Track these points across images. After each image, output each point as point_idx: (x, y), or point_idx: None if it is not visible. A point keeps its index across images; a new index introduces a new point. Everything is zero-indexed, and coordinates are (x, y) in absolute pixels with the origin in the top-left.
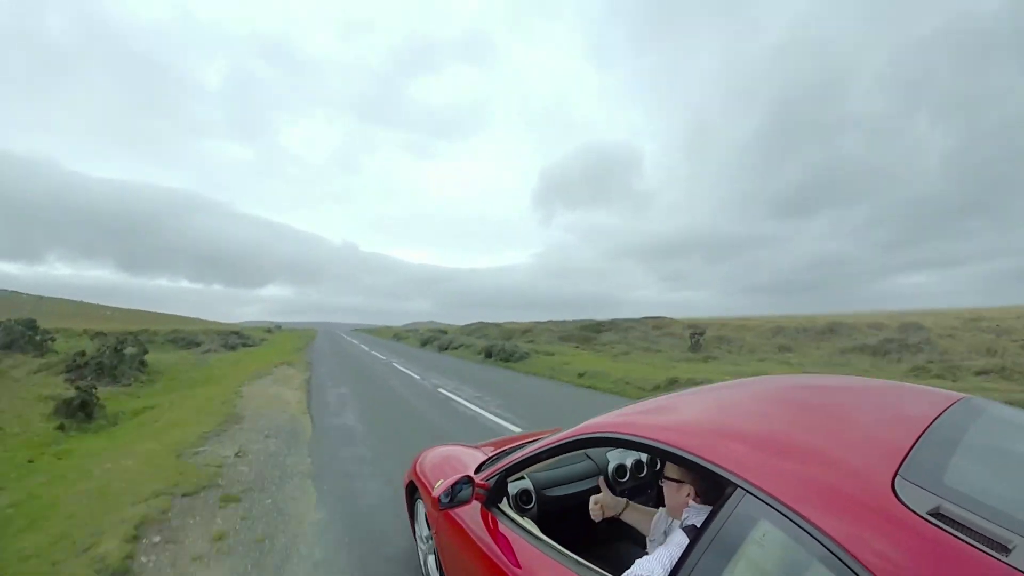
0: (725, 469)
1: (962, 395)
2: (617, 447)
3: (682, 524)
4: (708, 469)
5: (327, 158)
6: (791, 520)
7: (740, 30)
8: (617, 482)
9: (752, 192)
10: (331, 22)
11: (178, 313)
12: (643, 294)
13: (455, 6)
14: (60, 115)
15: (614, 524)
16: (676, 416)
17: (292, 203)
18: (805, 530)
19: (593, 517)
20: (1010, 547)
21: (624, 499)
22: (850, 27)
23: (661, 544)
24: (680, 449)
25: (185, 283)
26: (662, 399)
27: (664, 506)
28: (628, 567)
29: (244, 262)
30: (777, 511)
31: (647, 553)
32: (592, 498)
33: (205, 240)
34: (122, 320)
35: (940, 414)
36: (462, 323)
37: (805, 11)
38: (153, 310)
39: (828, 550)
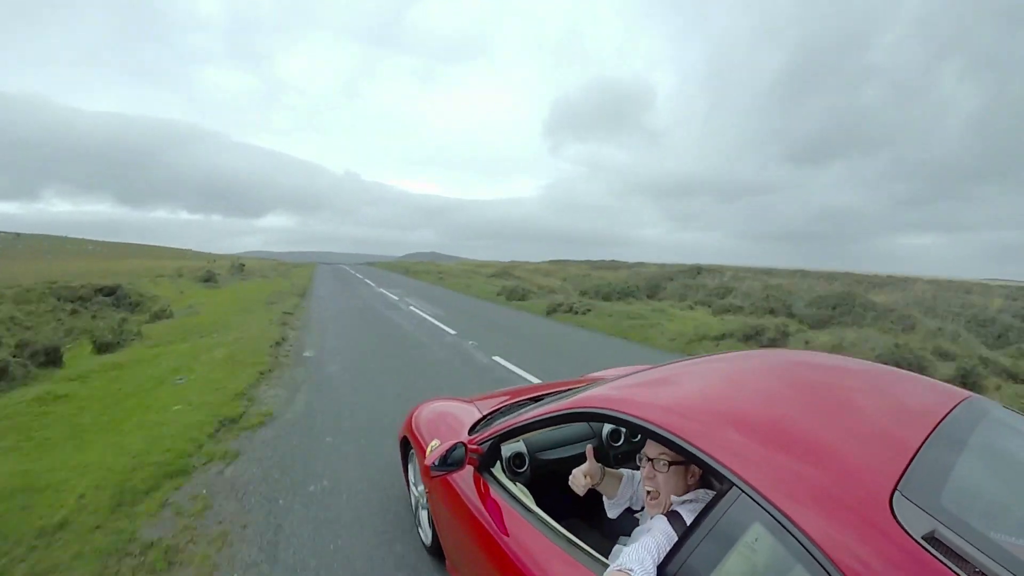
0: (723, 465)
1: (966, 393)
2: (615, 425)
3: (668, 509)
4: (706, 463)
5: (329, 85)
6: (786, 528)
7: None
8: (611, 446)
9: (768, 136)
10: None
11: (172, 245)
12: (651, 233)
13: None
14: (52, 50)
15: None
16: (679, 395)
17: (293, 133)
18: (799, 541)
19: (577, 491)
20: None
21: (599, 466)
22: None
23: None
24: (679, 437)
25: (185, 214)
26: (667, 370)
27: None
28: (617, 530)
29: (244, 192)
30: (772, 516)
31: (636, 517)
32: (575, 471)
33: (204, 171)
34: (104, 256)
35: (944, 417)
36: (467, 255)
37: None
38: (144, 242)
39: (820, 564)
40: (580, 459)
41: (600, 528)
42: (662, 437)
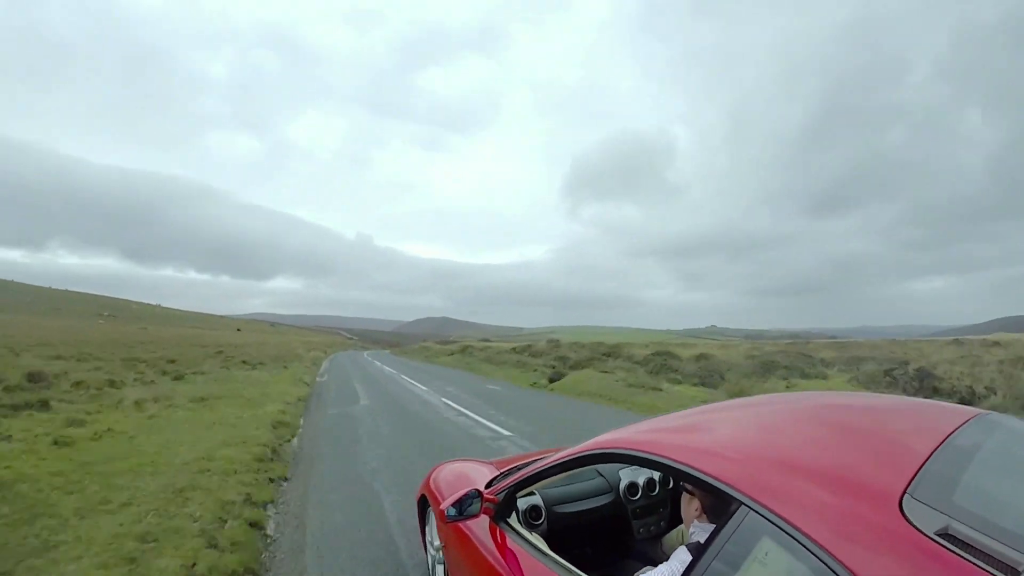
0: (728, 484)
1: (979, 411)
2: (627, 463)
3: (687, 541)
4: (712, 485)
5: (336, 151)
6: (793, 538)
7: (799, 3)
8: (629, 500)
9: (786, 188)
10: (337, 12)
11: (178, 306)
12: (658, 295)
13: None
14: (63, 106)
15: (623, 542)
16: (694, 434)
17: (301, 197)
18: (808, 549)
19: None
20: (1020, 570)
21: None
22: (914, 5)
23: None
24: (684, 464)
25: (192, 273)
26: (682, 416)
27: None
28: None
29: (252, 253)
30: (779, 528)
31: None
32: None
33: (211, 230)
34: (124, 318)
35: (955, 430)
36: (477, 321)
37: None
38: (149, 301)
39: (831, 570)
40: (597, 513)
41: None
42: (670, 467)
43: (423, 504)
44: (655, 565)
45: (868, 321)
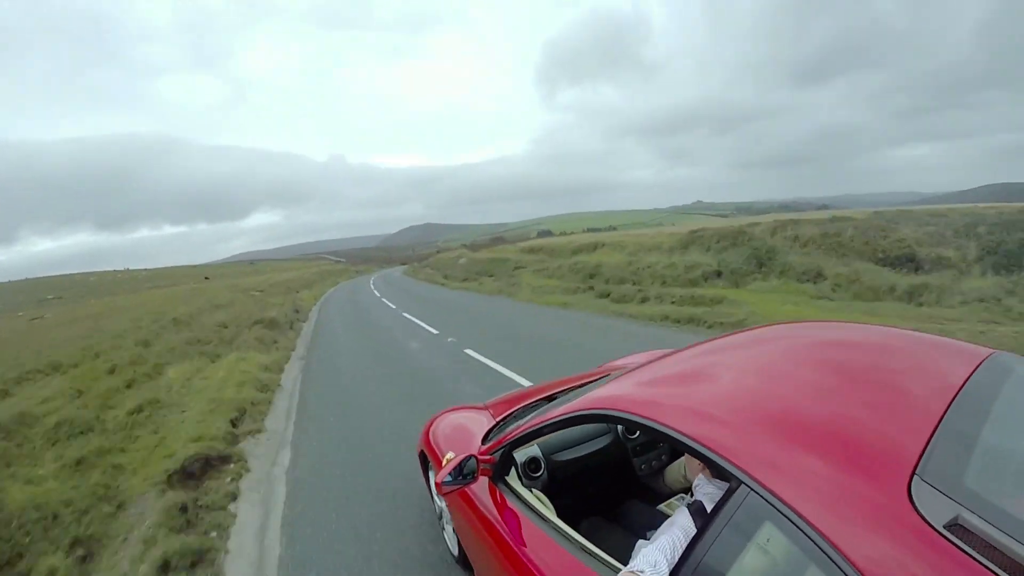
0: (732, 464)
1: (988, 351)
2: (629, 427)
3: (693, 495)
4: (713, 460)
5: (297, 76)
6: (797, 526)
7: None
8: (627, 439)
9: (770, 59)
10: None
11: (160, 264)
12: (642, 175)
13: None
14: (1, 91)
15: (624, 480)
16: (688, 391)
17: (268, 129)
18: (812, 539)
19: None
20: None
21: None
22: None
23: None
24: (692, 439)
25: (168, 228)
26: (676, 362)
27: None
28: (639, 524)
29: (225, 196)
30: (783, 514)
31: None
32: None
33: (181, 181)
34: (72, 297)
35: (963, 384)
36: (460, 222)
37: None
38: (125, 268)
39: (835, 563)
40: (597, 456)
41: (622, 524)
42: (678, 441)
43: (423, 458)
44: (657, 501)
45: (853, 189)
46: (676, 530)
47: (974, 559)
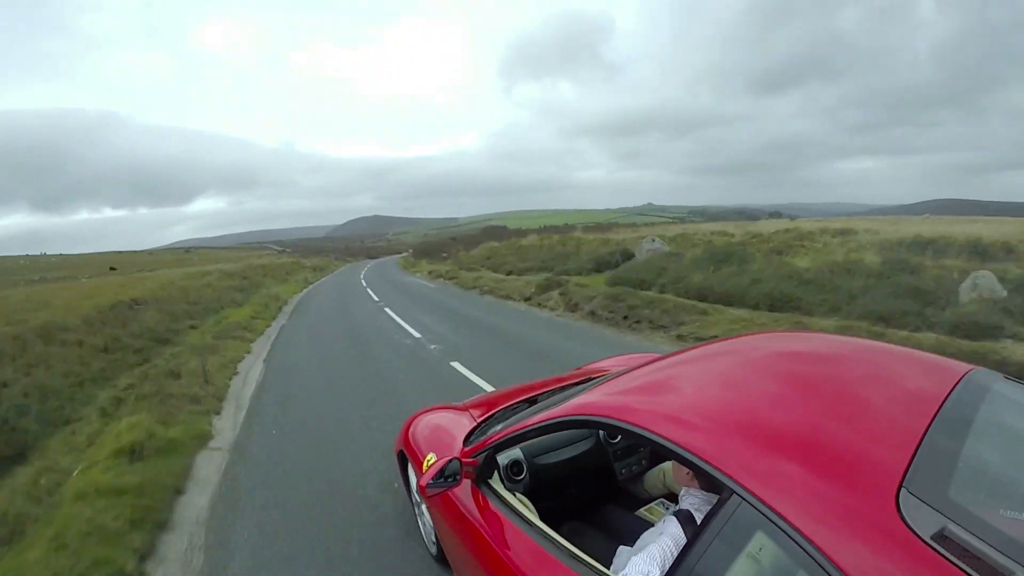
0: (725, 474)
1: (967, 367)
2: (612, 432)
3: (679, 505)
4: (705, 470)
5: (250, 58)
6: (789, 536)
7: None
8: (609, 443)
9: (731, 66)
10: None
11: (98, 249)
12: (593, 175)
13: None
14: None
15: (606, 487)
16: (676, 399)
17: (217, 111)
18: (803, 548)
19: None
20: None
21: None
22: None
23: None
24: (681, 447)
25: (109, 211)
26: (660, 369)
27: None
28: (620, 528)
29: (170, 178)
30: (775, 524)
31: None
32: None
33: (123, 161)
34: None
35: (944, 400)
36: (411, 215)
37: None
38: (69, 251)
39: (827, 572)
40: (579, 460)
41: (604, 529)
42: (667, 449)
43: (403, 458)
44: (635, 505)
45: (802, 198)
46: (666, 539)
47: (960, 569)
